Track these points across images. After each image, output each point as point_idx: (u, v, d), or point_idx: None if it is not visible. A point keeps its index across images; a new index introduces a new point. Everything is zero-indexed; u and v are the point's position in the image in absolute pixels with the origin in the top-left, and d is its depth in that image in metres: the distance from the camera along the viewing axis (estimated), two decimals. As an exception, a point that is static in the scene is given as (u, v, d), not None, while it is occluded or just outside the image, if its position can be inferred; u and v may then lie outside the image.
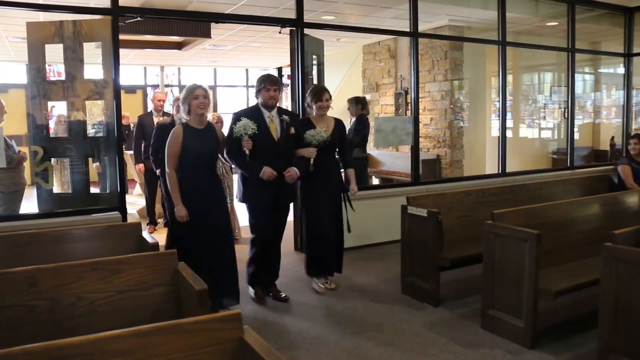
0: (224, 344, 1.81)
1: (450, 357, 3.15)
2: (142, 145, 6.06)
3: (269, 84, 3.82)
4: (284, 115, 3.91)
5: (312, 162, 3.99)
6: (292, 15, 5.17)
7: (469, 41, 7.66)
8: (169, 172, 3.62)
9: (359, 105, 6.38)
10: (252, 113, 3.86)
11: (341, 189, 4.28)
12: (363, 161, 6.42)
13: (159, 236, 5.97)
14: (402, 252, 4.22)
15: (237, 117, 3.82)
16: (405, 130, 5.84)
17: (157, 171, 5.43)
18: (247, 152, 3.74)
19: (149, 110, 6.31)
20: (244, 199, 3.97)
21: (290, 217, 4.32)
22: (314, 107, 4.17)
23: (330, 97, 4.21)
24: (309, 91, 4.30)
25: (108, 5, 4.30)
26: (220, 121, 5.99)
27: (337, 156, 4.30)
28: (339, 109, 6.02)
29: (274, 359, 1.67)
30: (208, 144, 3.66)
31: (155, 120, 6.08)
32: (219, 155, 3.87)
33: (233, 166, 4.16)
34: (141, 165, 6.14)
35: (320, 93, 4.16)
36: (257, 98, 3.92)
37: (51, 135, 4.60)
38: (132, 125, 7.04)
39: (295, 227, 5.38)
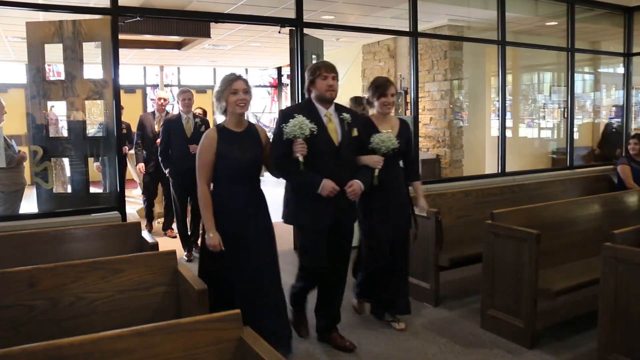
0: (224, 343, 1.81)
1: (450, 357, 3.15)
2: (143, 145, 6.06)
3: (325, 70, 3.00)
4: (344, 114, 3.10)
5: (376, 173, 3.20)
6: (291, 15, 5.16)
7: (469, 41, 7.66)
8: (200, 187, 2.87)
9: (360, 105, 6.37)
10: (304, 110, 3.00)
11: (410, 208, 3.57)
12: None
13: (157, 237, 5.97)
14: (402, 252, 4.21)
15: (285, 114, 2.99)
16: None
17: (166, 171, 5.28)
18: (300, 159, 2.91)
19: (150, 110, 6.25)
20: (292, 219, 3.18)
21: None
22: (376, 104, 3.42)
23: (396, 91, 3.52)
24: (369, 85, 3.50)
25: (108, 5, 4.29)
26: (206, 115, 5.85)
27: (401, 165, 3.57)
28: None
29: (273, 358, 1.67)
30: (249, 150, 2.90)
31: (157, 121, 6.04)
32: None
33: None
34: (141, 165, 6.13)
35: (385, 87, 3.37)
36: (310, 92, 3.09)
37: (50, 135, 4.59)
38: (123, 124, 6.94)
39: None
